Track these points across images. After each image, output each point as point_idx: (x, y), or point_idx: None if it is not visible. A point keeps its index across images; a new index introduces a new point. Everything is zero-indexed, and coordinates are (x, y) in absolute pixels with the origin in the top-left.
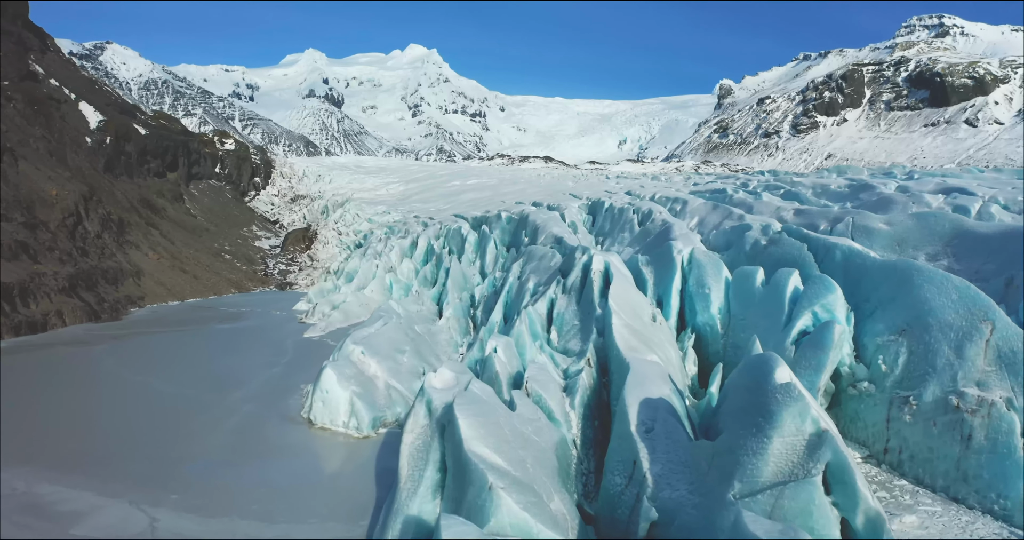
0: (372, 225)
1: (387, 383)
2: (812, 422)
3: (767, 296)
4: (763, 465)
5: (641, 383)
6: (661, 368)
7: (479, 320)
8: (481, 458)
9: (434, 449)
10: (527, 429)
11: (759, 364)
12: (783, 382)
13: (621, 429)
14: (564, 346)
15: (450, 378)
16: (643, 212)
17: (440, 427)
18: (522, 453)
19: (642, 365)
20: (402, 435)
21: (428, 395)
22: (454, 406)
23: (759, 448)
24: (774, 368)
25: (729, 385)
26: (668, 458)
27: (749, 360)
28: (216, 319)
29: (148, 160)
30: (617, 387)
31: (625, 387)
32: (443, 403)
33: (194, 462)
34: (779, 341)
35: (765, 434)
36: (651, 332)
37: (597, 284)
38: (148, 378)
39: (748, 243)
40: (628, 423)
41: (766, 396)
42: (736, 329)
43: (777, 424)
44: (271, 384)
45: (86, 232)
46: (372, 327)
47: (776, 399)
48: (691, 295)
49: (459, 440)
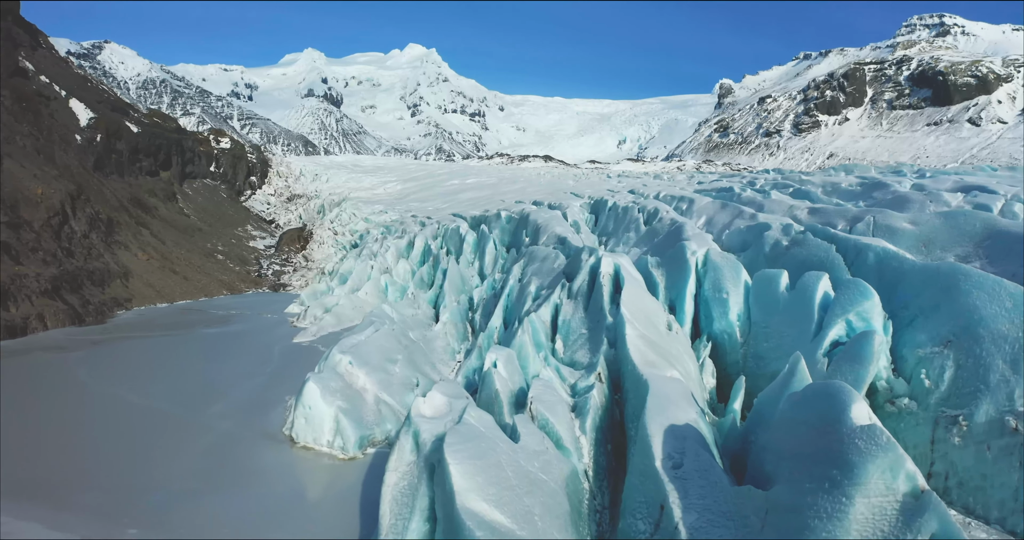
0: (368, 225)
1: (377, 397)
2: (907, 479)
3: (793, 302)
4: (841, 532)
5: (663, 406)
6: (683, 387)
7: (477, 324)
8: (478, 518)
9: (421, 494)
10: (533, 466)
11: (826, 397)
12: (863, 424)
13: (643, 464)
14: (571, 357)
15: (441, 404)
16: (649, 211)
17: (429, 467)
18: (528, 501)
19: (663, 383)
20: (384, 473)
21: (415, 426)
22: (445, 447)
23: (835, 510)
24: (848, 404)
25: (783, 419)
26: (704, 505)
27: (812, 391)
28: (203, 322)
29: (140, 158)
30: (634, 408)
31: (646, 411)
32: (433, 436)
33: (157, 491)
34: (809, 353)
35: (843, 492)
36: (668, 343)
37: (607, 289)
38: (121, 390)
39: (767, 244)
40: (651, 457)
41: (841, 441)
42: (758, 338)
43: (860, 480)
44: (253, 396)
45: (72, 232)
46: (362, 334)
47: (856, 447)
48: (707, 300)
49: (451, 491)
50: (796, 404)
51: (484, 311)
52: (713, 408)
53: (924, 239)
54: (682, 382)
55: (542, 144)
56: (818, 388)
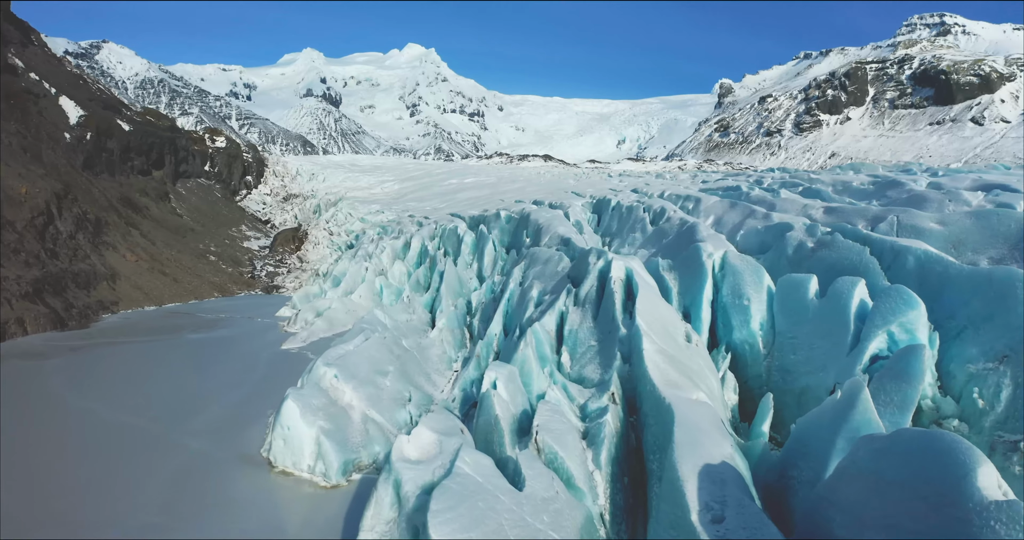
0: (365, 225)
1: (364, 415)
2: None
3: (824, 311)
4: None
5: (694, 439)
6: (712, 412)
7: (476, 330)
8: None
9: None
10: (542, 521)
11: (936, 454)
12: (996, 498)
13: (674, 514)
14: (579, 373)
15: (430, 443)
16: (655, 210)
17: (412, 529)
18: None
19: (689, 409)
20: (359, 532)
21: (397, 473)
22: (430, 517)
23: None
24: (972, 467)
25: (861, 472)
26: None
27: (912, 444)
28: (190, 327)
29: (132, 157)
30: (657, 439)
31: (674, 446)
32: (418, 487)
33: (114, 527)
34: (846, 368)
35: None
36: (688, 357)
37: (618, 296)
38: (93, 403)
39: (790, 245)
40: (685, 506)
41: (968, 522)
42: (783, 349)
43: None
44: (233, 410)
45: (57, 232)
46: (351, 343)
47: (991, 529)
48: (725, 307)
49: None
50: (883, 456)
51: (483, 316)
52: (735, 427)
53: (954, 240)
54: (710, 406)
55: (541, 144)
56: (920, 440)
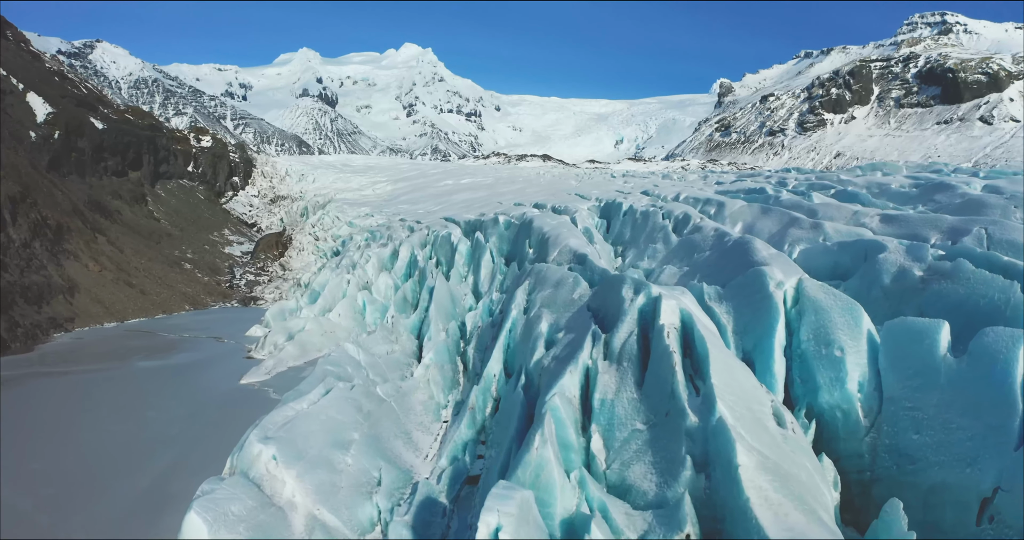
0: (352, 229)
1: (311, 516)
2: None
3: (967, 375)
4: None
5: None
6: None
7: (470, 360)
8: None
9: None
10: None
11: None
12: None
13: None
14: (622, 476)
15: None
16: (677, 217)
17: None
18: None
19: None
20: None
21: None
22: None
23: None
24: None
25: None
26: None
27: None
28: (144, 351)
29: (105, 157)
30: None
31: None
32: None
33: None
34: (1013, 468)
35: None
36: (786, 456)
37: (677, 356)
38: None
39: (886, 273)
40: None
41: None
42: (899, 425)
43: None
44: (154, 483)
45: (9, 241)
46: (304, 400)
47: None
48: (805, 357)
49: None
50: None
51: (479, 344)
52: None
53: None
54: None
55: (539, 144)
56: None
